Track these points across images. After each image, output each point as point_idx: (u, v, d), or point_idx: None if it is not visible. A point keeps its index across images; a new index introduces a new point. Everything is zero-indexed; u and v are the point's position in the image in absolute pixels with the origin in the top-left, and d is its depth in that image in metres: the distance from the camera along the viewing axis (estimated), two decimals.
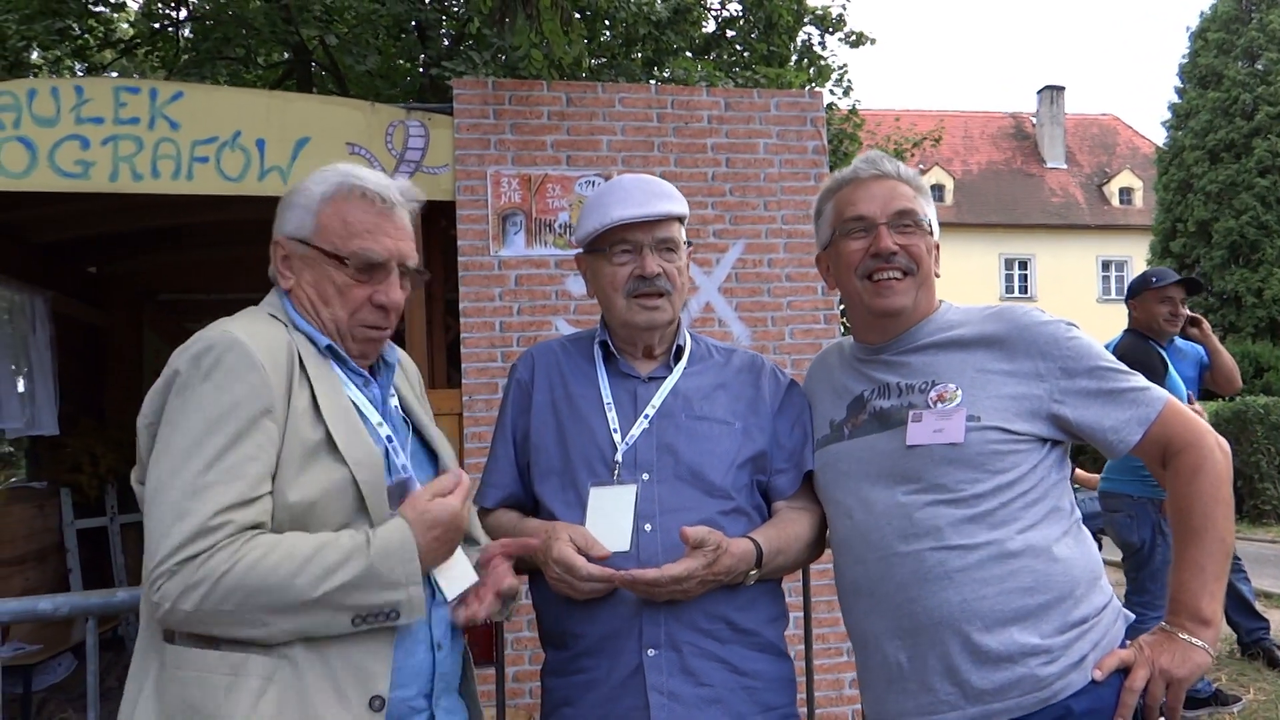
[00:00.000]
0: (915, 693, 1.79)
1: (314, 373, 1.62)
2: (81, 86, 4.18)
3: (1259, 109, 17.82)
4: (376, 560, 1.51)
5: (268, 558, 1.46)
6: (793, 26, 11.35)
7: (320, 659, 1.51)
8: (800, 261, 4.95)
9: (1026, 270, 32.35)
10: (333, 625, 1.50)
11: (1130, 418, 1.80)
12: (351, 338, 1.72)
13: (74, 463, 6.52)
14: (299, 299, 1.71)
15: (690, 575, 1.77)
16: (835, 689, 4.74)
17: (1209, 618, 1.74)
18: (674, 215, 1.96)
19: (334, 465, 1.56)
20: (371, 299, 1.70)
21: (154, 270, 7.38)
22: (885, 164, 1.95)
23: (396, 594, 1.53)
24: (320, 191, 1.71)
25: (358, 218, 1.69)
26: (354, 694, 1.52)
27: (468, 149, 4.66)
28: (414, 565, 1.55)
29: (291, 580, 1.46)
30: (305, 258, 1.70)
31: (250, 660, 1.48)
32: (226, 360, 1.53)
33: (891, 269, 1.89)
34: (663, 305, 1.95)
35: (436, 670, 1.69)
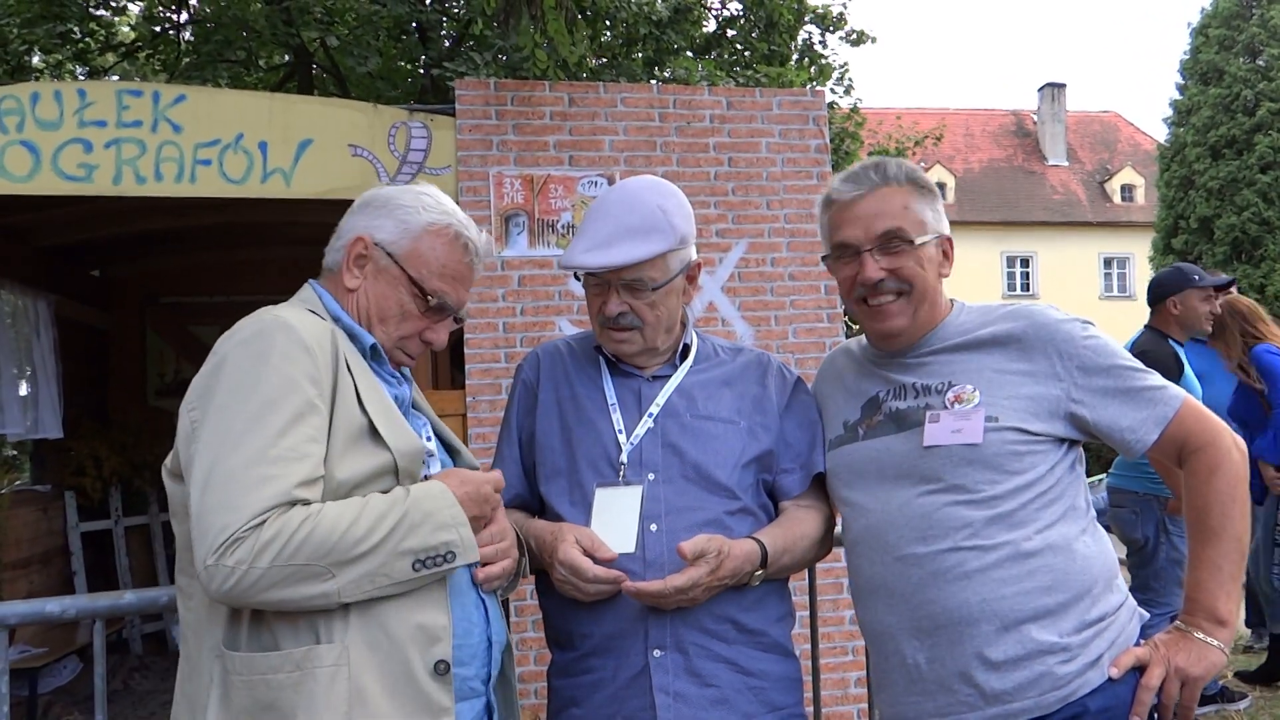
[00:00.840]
0: (934, 693, 1.78)
1: (354, 366, 1.65)
2: (84, 90, 4.18)
3: (1260, 105, 17.80)
4: (423, 502, 1.55)
5: (328, 509, 1.49)
6: (793, 25, 11.36)
7: (381, 632, 1.53)
8: (803, 260, 4.95)
9: (1028, 268, 32.33)
10: (395, 570, 1.52)
11: (1147, 417, 1.80)
12: (388, 356, 1.77)
13: (78, 466, 6.54)
14: (355, 302, 1.75)
15: (694, 584, 1.76)
16: (841, 688, 4.73)
17: (1225, 617, 1.74)
18: (636, 263, 1.85)
19: (377, 450, 1.59)
20: (423, 334, 1.78)
21: (157, 273, 7.39)
22: (870, 175, 1.89)
23: (448, 533, 1.55)
24: (427, 220, 1.75)
25: (452, 263, 1.76)
26: (419, 662, 1.54)
27: (470, 150, 4.66)
28: (457, 509, 1.58)
29: (353, 525, 1.48)
30: (385, 271, 1.74)
31: (313, 652, 1.50)
32: (279, 343, 1.54)
33: (882, 294, 1.88)
34: (630, 339, 1.93)
35: (493, 659, 1.72)
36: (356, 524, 1.49)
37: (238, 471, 1.46)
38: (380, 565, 1.51)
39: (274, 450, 1.48)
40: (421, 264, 1.74)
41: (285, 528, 1.45)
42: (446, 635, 1.58)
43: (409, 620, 1.55)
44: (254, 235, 6.26)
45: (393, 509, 1.53)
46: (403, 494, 1.56)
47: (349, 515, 1.49)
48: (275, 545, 1.44)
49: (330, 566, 1.47)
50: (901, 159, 1.96)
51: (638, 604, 1.82)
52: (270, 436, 1.48)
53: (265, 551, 1.44)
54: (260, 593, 1.46)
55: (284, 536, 1.45)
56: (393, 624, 1.54)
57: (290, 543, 1.45)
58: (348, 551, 1.48)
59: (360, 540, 1.48)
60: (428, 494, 1.58)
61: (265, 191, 4.28)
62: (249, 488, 1.45)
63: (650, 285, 1.89)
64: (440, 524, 1.55)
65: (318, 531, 1.46)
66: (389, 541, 1.50)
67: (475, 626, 1.68)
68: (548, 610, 1.97)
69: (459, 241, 1.76)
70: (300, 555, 1.45)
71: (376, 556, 1.50)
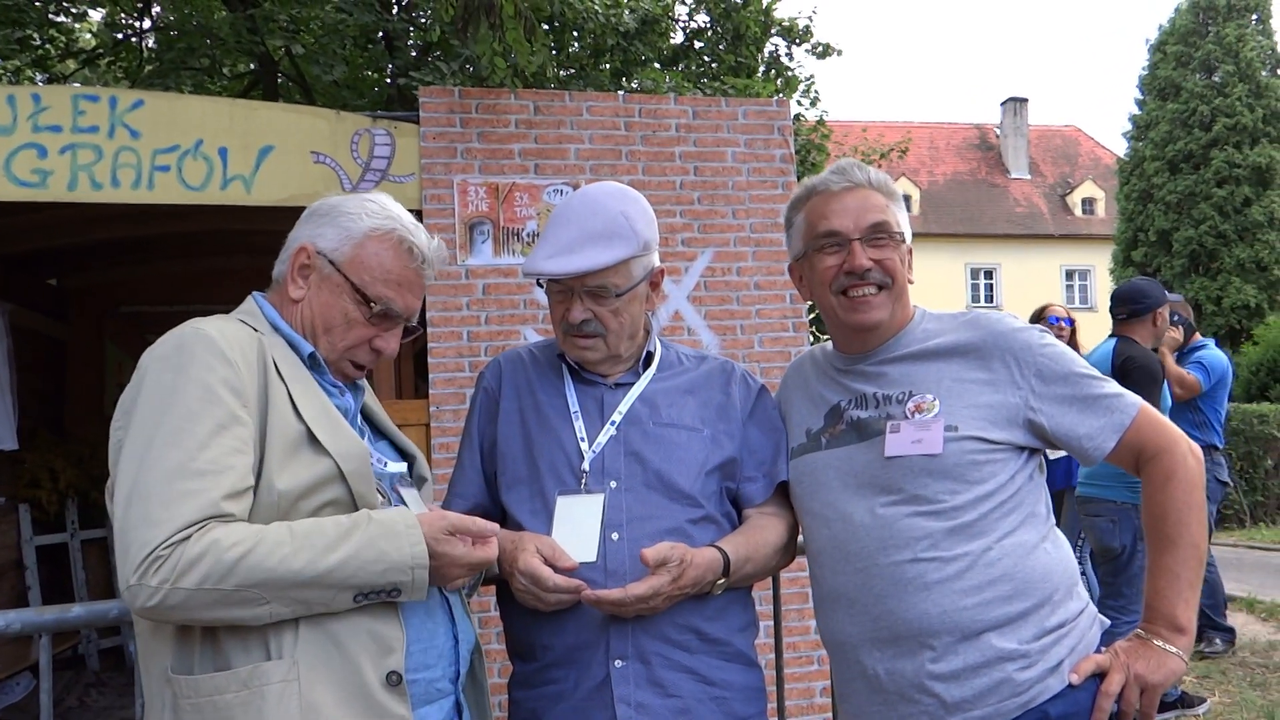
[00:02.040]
0: (895, 703, 1.78)
1: (288, 373, 1.61)
2: (39, 94, 4.10)
3: (1216, 120, 18.13)
4: (379, 540, 1.49)
5: (269, 534, 1.44)
6: (760, 38, 11.40)
7: (332, 644, 1.49)
8: (769, 270, 4.96)
9: (992, 279, 32.70)
10: (334, 603, 1.48)
11: (1105, 424, 1.81)
12: (335, 369, 1.72)
13: (33, 478, 6.39)
14: (299, 313, 1.71)
15: (656, 593, 1.75)
16: (806, 698, 4.72)
17: (1184, 625, 1.75)
18: (600, 269, 1.85)
19: (317, 458, 1.55)
20: (371, 343, 1.73)
21: (116, 283, 7.27)
22: (856, 173, 1.92)
23: (399, 575, 1.50)
24: (370, 226, 1.71)
25: (396, 268, 1.71)
26: (372, 673, 1.50)
27: (434, 158, 4.62)
28: (421, 548, 1.52)
29: (296, 554, 1.43)
30: (328, 279, 1.70)
31: (260, 670, 1.46)
32: (198, 354, 1.51)
33: (866, 285, 1.88)
34: (594, 345, 1.92)
35: (460, 656, 1.69)
36: (295, 556, 1.43)
37: (157, 486, 1.42)
38: (318, 597, 1.47)
39: (195, 464, 1.44)
40: (364, 270, 1.69)
41: (214, 548, 1.40)
42: (399, 645, 1.54)
43: (360, 631, 1.52)
44: (216, 244, 6.17)
45: (342, 544, 1.47)
46: (359, 525, 1.50)
47: (289, 545, 1.44)
48: (202, 567, 1.39)
49: (263, 595, 1.43)
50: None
51: (599, 614, 1.80)
52: (191, 450, 1.44)
53: (191, 572, 1.39)
54: (185, 613, 1.42)
55: (212, 558, 1.39)
56: (344, 636, 1.51)
57: (218, 566, 1.40)
58: (282, 583, 1.43)
59: (297, 574, 1.44)
60: (388, 529, 1.51)
61: (225, 198, 4.21)
62: (169, 502, 1.41)
63: (614, 291, 1.88)
64: (393, 564, 1.50)
65: (252, 557, 1.41)
66: (329, 578, 1.46)
67: (440, 627, 1.66)
68: (509, 621, 1.95)
69: (403, 246, 1.72)
70: (230, 580, 1.40)
71: (314, 590, 1.45)
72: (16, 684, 5.66)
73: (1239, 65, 18.22)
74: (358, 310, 1.70)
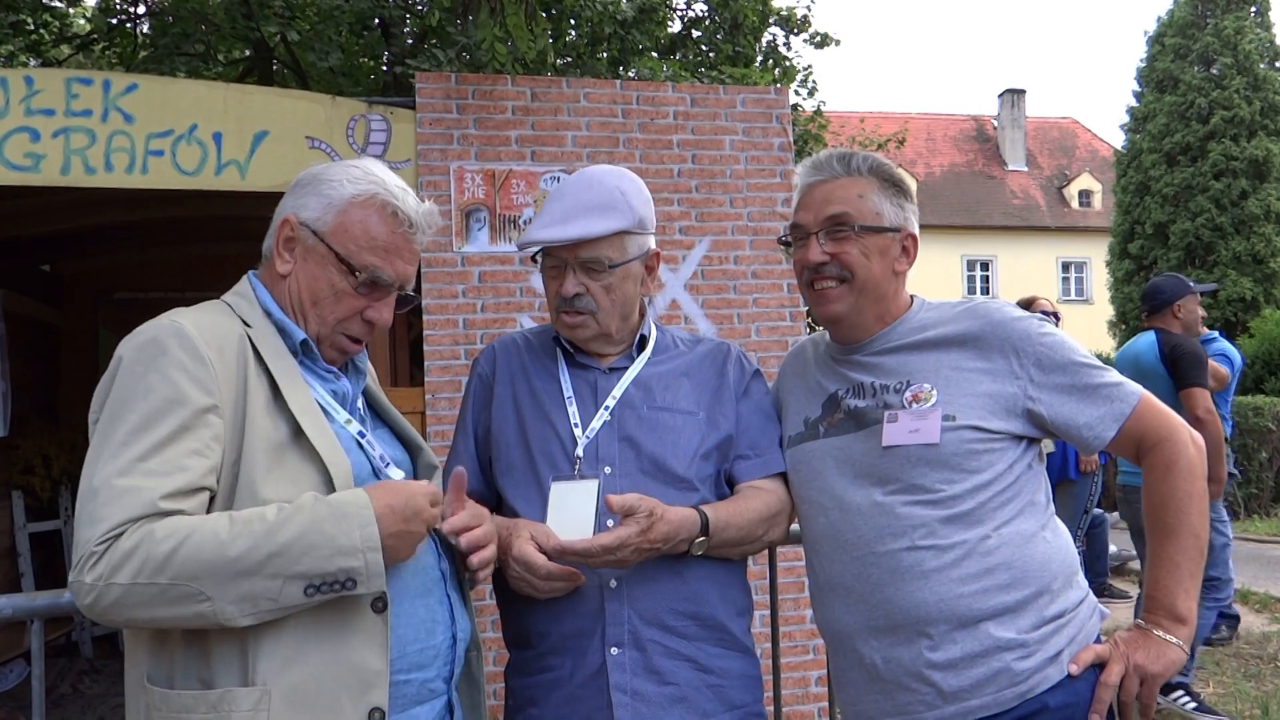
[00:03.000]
0: (892, 692, 1.77)
1: (275, 368, 1.56)
2: (31, 77, 4.07)
3: (1214, 113, 18.11)
4: (326, 522, 1.42)
5: (204, 524, 1.39)
6: (758, 27, 11.36)
7: (309, 676, 1.43)
8: (766, 258, 4.94)
9: (988, 271, 32.69)
10: (283, 596, 1.40)
11: (1105, 414, 1.80)
12: (330, 343, 1.67)
13: (26, 464, 6.37)
14: (287, 289, 1.65)
15: (622, 544, 1.72)
16: (802, 686, 4.73)
17: (1184, 615, 1.74)
18: (594, 237, 1.85)
19: (305, 462, 1.50)
20: (363, 314, 1.66)
21: (111, 269, 7.24)
22: (833, 164, 1.90)
23: (351, 559, 1.42)
24: (351, 192, 1.64)
25: (381, 233, 1.64)
26: (351, 711, 1.45)
27: (430, 144, 4.60)
28: (372, 530, 1.44)
29: (233, 541, 1.37)
30: (312, 250, 1.64)
31: (230, 695, 1.42)
32: (171, 351, 1.47)
33: (824, 278, 1.87)
34: (585, 323, 1.91)
35: (457, 656, 1.65)
36: (233, 542, 1.37)
37: (104, 485, 1.39)
38: (262, 589, 1.39)
39: (147, 464, 1.40)
40: (348, 239, 1.63)
41: (145, 542, 1.36)
42: (382, 681, 1.48)
43: (341, 663, 1.46)
44: (210, 230, 6.14)
45: (284, 527, 1.40)
46: (305, 507, 1.43)
47: (226, 532, 1.38)
48: (134, 562, 1.35)
49: (201, 588, 1.36)
50: (873, 154, 1.94)
51: (595, 601, 1.79)
52: (145, 449, 1.41)
53: (123, 568, 1.35)
54: (125, 611, 1.37)
55: (143, 552, 1.35)
56: (324, 667, 1.45)
57: (150, 560, 1.35)
58: (220, 573, 1.37)
59: (235, 561, 1.37)
60: (337, 510, 1.44)
61: (219, 184, 4.19)
62: (111, 500, 1.38)
63: (607, 264, 1.87)
64: (341, 548, 1.41)
65: (184, 549, 1.36)
66: (271, 565, 1.38)
67: (440, 625, 1.63)
68: (505, 609, 1.94)
69: (387, 210, 1.64)
70: (164, 574, 1.35)
71: (256, 580, 1.38)
72: (10, 671, 5.65)
73: (1237, 58, 18.20)
74: (345, 281, 1.63)
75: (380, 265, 1.64)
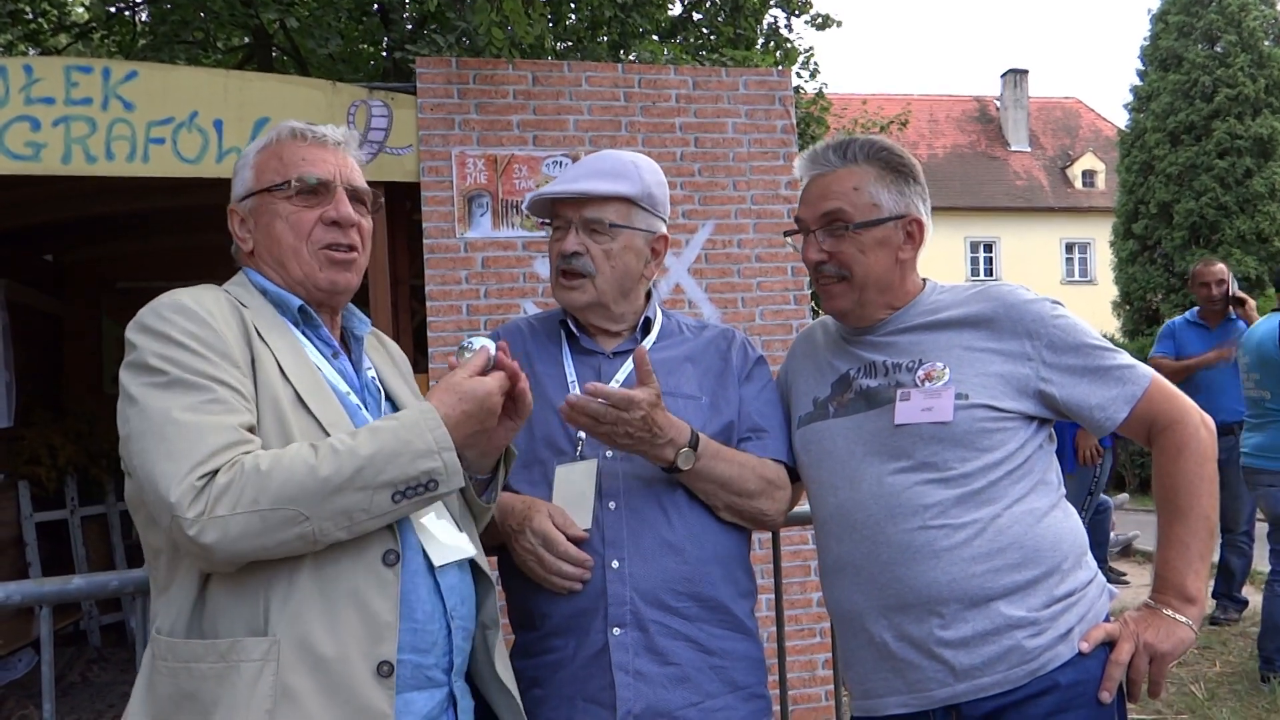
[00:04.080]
0: (902, 670, 1.77)
1: (274, 341, 1.60)
2: (31, 66, 4.06)
3: (1218, 91, 17.99)
4: (401, 430, 1.48)
5: (290, 450, 1.44)
6: (759, 9, 11.30)
7: (321, 625, 1.44)
8: (770, 242, 4.93)
9: (991, 253, 32.60)
10: (374, 505, 1.45)
11: (1117, 395, 1.80)
12: (318, 268, 1.68)
13: (31, 455, 6.39)
14: (261, 259, 1.70)
15: (634, 405, 1.72)
16: (808, 669, 4.74)
17: (1193, 595, 1.76)
18: (599, 195, 1.89)
19: (309, 422, 1.54)
20: (321, 218, 1.68)
21: (113, 258, 7.23)
22: (829, 156, 1.90)
23: (429, 461, 1.47)
24: (255, 148, 1.73)
25: (291, 152, 1.69)
26: (360, 662, 1.45)
27: (432, 129, 4.58)
28: (442, 431, 1.50)
29: (321, 462, 1.42)
30: (253, 210, 1.70)
31: (239, 645, 1.42)
32: (178, 323, 1.52)
33: (825, 276, 1.89)
34: (582, 286, 1.91)
35: (454, 643, 1.63)
36: (321, 464, 1.42)
37: (171, 428, 1.42)
38: (356, 503, 1.44)
39: (206, 406, 1.44)
40: (267, 173, 1.68)
41: (240, 472, 1.40)
42: (392, 634, 1.48)
43: (352, 614, 1.47)
44: (213, 219, 6.09)
45: (366, 441, 1.46)
46: (382, 422, 1.50)
47: (312, 456, 1.43)
48: (234, 491, 1.39)
49: (301, 509, 1.41)
50: (875, 138, 1.93)
51: (598, 582, 1.80)
52: (197, 396, 1.45)
53: (224, 497, 1.38)
54: (232, 543, 1.39)
55: (239, 484, 1.39)
56: (334, 617, 1.46)
57: (249, 487, 1.39)
58: (317, 493, 1.41)
59: (326, 480, 1.41)
60: (409, 418, 1.50)
61: (221, 171, 4.18)
62: (187, 435, 1.41)
63: (610, 222, 1.89)
64: (419, 451, 1.47)
65: (277, 473, 1.40)
66: (360, 478, 1.43)
67: (435, 616, 1.60)
68: (510, 590, 1.95)
69: (285, 135, 1.71)
70: (264, 500, 1.39)
71: (349, 495, 1.43)
72: (19, 660, 5.68)
73: (1241, 35, 18.07)
74: (285, 203, 1.67)
75: (305, 169, 1.67)
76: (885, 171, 1.88)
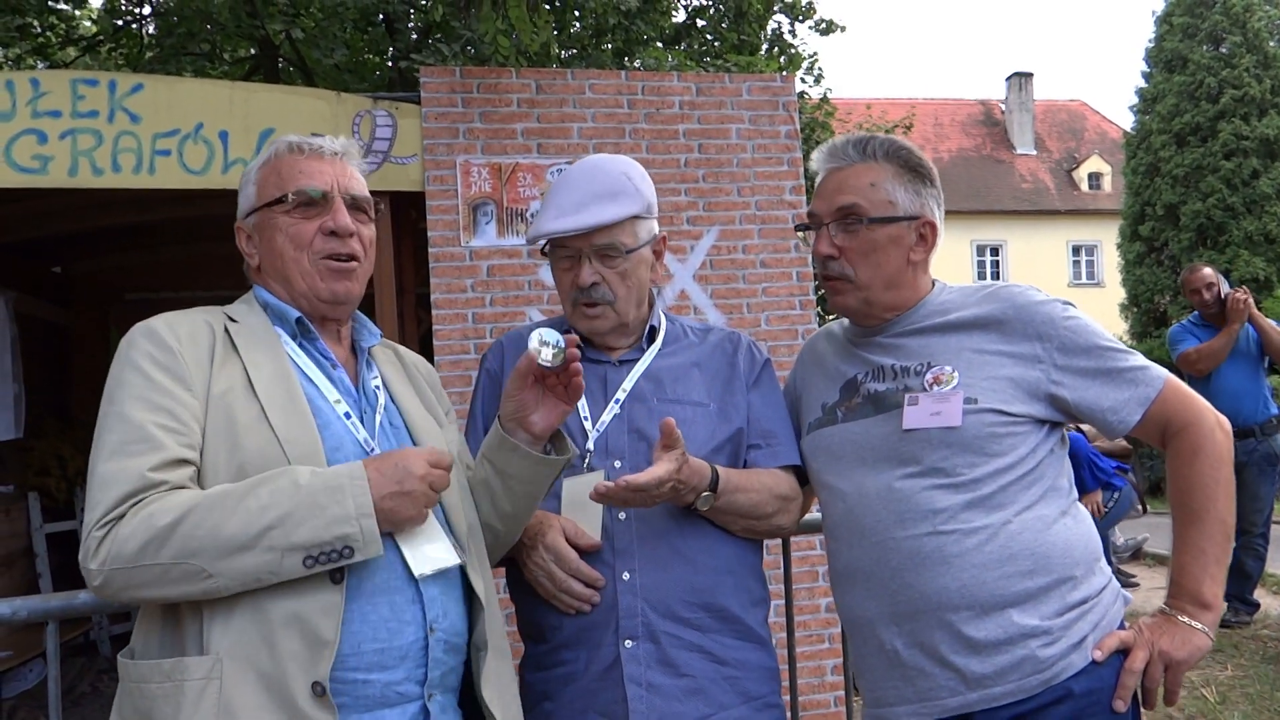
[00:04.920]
0: (913, 678, 1.75)
1: (252, 355, 1.60)
2: (38, 79, 4.07)
3: (1223, 92, 17.95)
4: (319, 494, 1.43)
5: (202, 501, 1.43)
6: (763, 15, 11.31)
7: (262, 645, 1.43)
8: (775, 248, 4.92)
9: (998, 256, 32.52)
10: (283, 569, 1.42)
11: (1130, 398, 1.77)
12: (319, 278, 1.68)
13: (41, 466, 6.41)
14: (267, 274, 1.73)
15: (667, 479, 1.72)
16: (817, 675, 4.72)
17: (1209, 601, 1.72)
18: (610, 223, 1.85)
19: (266, 440, 1.52)
20: (320, 228, 1.68)
21: (121, 270, 7.25)
22: (847, 151, 1.87)
23: (345, 526, 1.42)
24: (256, 164, 1.76)
25: (290, 166, 1.70)
26: (298, 680, 1.42)
27: (436, 138, 4.59)
28: (364, 498, 1.44)
29: (229, 517, 1.40)
30: (257, 226, 1.72)
31: (181, 664, 1.43)
32: (141, 346, 1.56)
33: (832, 272, 1.86)
34: (603, 313, 1.90)
35: (431, 656, 1.56)
36: (232, 517, 1.40)
37: (96, 471, 1.47)
38: (264, 563, 1.41)
39: (128, 445, 1.46)
40: (268, 188, 1.70)
41: (146, 522, 1.40)
42: (329, 653, 1.44)
43: (293, 633, 1.44)
44: (219, 229, 6.11)
45: (279, 499, 1.42)
46: (300, 479, 1.44)
47: (224, 507, 1.41)
48: (135, 541, 1.40)
49: (205, 565, 1.40)
50: (894, 138, 1.91)
51: (609, 594, 1.79)
52: (125, 433, 1.48)
53: (125, 551, 1.40)
54: (133, 591, 1.43)
55: (144, 532, 1.40)
56: (275, 636, 1.44)
57: (151, 540, 1.40)
58: (222, 549, 1.40)
59: (235, 536, 1.40)
60: (331, 481, 1.45)
61: (226, 182, 4.19)
62: (104, 484, 1.44)
63: (623, 249, 1.87)
64: (336, 517, 1.42)
65: (184, 526, 1.40)
66: (269, 537, 1.40)
67: (407, 625, 1.54)
68: (519, 602, 1.94)
69: (284, 150, 1.72)
70: (165, 553, 1.39)
71: (256, 555, 1.40)
72: (30, 670, 5.69)
73: (1246, 36, 18.02)
74: (285, 216, 1.68)
75: (302, 182, 1.68)
76: (903, 171, 1.87)
